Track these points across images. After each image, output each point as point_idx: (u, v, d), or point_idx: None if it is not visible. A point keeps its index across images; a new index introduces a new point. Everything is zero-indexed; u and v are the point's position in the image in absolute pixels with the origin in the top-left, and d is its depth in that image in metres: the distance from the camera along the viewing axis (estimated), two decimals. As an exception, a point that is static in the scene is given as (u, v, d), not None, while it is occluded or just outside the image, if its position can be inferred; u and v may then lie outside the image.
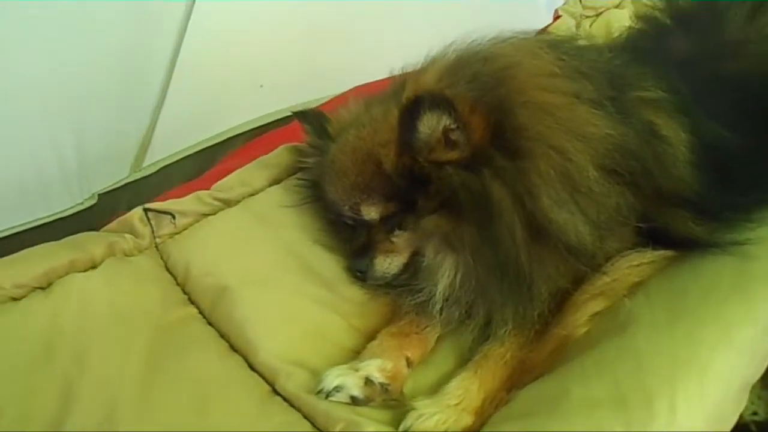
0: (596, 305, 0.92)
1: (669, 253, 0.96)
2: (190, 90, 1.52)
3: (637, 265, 0.94)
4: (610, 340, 0.85)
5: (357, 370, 0.89)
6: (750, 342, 0.82)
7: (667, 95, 1.04)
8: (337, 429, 0.85)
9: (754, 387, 0.85)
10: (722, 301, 0.85)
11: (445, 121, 0.91)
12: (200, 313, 1.04)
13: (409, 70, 1.17)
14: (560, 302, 0.94)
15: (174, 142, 1.65)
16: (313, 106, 1.64)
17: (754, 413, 0.85)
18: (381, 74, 1.45)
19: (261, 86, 1.75)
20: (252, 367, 0.95)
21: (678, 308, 0.86)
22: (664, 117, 1.02)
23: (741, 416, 0.82)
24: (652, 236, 0.96)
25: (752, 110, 1.07)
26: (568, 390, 0.81)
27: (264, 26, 1.62)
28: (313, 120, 1.22)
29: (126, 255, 1.12)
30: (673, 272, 0.93)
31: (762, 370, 0.83)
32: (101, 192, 1.52)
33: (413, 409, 0.86)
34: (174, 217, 1.16)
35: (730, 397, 0.80)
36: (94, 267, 1.07)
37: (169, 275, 1.10)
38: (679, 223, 0.96)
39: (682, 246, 0.95)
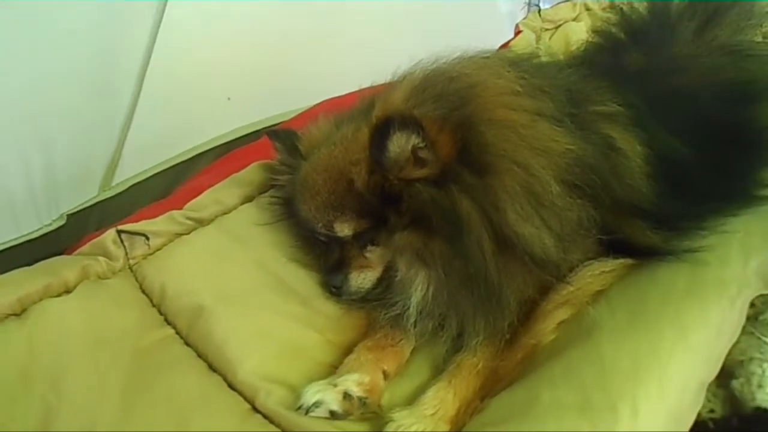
0: (562, 314, 0.96)
1: (628, 261, 1.01)
2: (159, 105, 1.52)
3: (599, 274, 0.99)
4: (575, 346, 0.89)
5: (335, 385, 0.92)
6: (705, 344, 0.87)
7: (622, 109, 1.10)
8: (318, 444, 0.87)
9: (710, 386, 0.90)
10: (679, 305, 0.90)
11: (414, 140, 0.94)
12: (177, 333, 1.05)
13: (377, 86, 1.21)
14: (528, 312, 0.98)
15: (143, 158, 1.64)
16: (283, 119, 1.67)
17: (711, 411, 0.90)
18: (348, 87, 1.49)
19: (228, 99, 1.76)
20: (231, 386, 0.96)
21: (638, 314, 0.90)
22: (621, 131, 1.08)
23: (699, 414, 0.87)
24: (612, 245, 1.01)
25: (703, 122, 1.13)
26: (537, 396, 0.84)
27: (233, 39, 1.63)
28: (284, 138, 1.24)
29: (100, 278, 1.12)
30: (632, 279, 0.98)
31: (717, 370, 0.89)
32: (70, 212, 1.50)
33: (391, 420, 0.89)
34: (148, 238, 1.16)
35: (687, 397, 0.85)
36: (68, 291, 1.07)
37: (144, 297, 1.10)
38: (637, 232, 1.01)
39: (640, 254, 1.00)
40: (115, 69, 1.42)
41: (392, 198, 0.97)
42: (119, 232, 1.16)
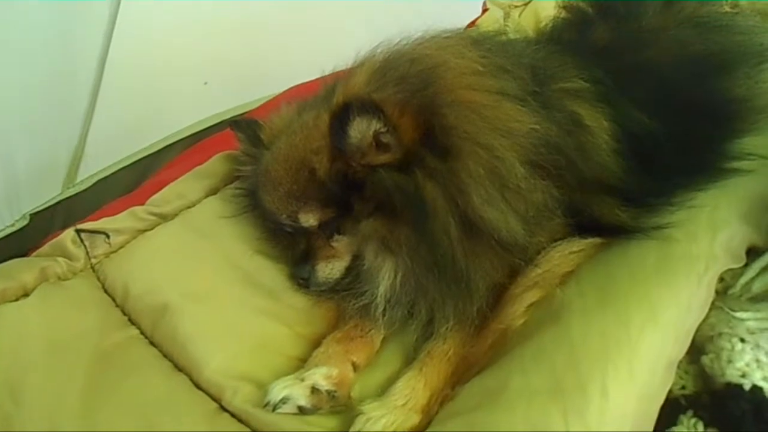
0: (531, 296, 0.95)
1: (597, 240, 0.99)
2: (121, 94, 1.48)
3: (568, 255, 0.98)
4: (545, 329, 0.88)
5: (303, 380, 0.90)
6: (674, 321, 0.87)
7: (589, 85, 1.08)
8: (287, 440, 0.85)
9: (681, 362, 0.89)
10: (647, 283, 0.89)
11: (375, 125, 0.92)
12: (142, 333, 1.02)
13: (340, 71, 1.18)
14: (497, 296, 0.97)
15: (108, 151, 1.60)
16: (254, 106, 1.63)
17: (683, 387, 0.89)
18: (316, 73, 1.45)
19: (205, 83, 1.72)
20: (197, 386, 0.94)
21: (607, 293, 0.89)
22: (587, 107, 1.06)
23: (670, 391, 0.86)
24: (580, 225, 1.00)
25: (671, 96, 1.12)
26: (508, 382, 0.83)
27: (195, 24, 1.59)
28: (246, 128, 1.21)
29: (60, 279, 1.09)
30: (601, 258, 0.96)
31: (686, 347, 0.88)
32: (33, 212, 1.46)
33: (361, 413, 0.87)
34: (108, 236, 1.13)
35: (658, 375, 0.84)
36: (26, 295, 1.04)
37: (107, 297, 1.07)
38: (606, 210, 0.99)
39: (610, 233, 0.99)
40: (72, 57, 1.37)
41: (356, 185, 0.95)
42: (78, 231, 1.12)
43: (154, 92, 1.56)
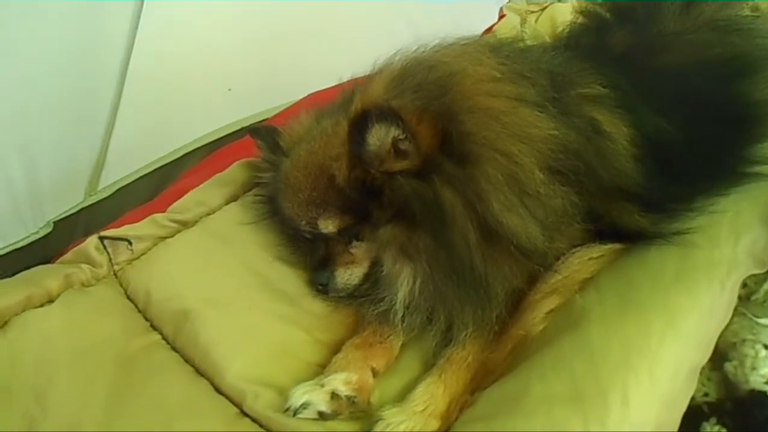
0: (550, 303, 0.94)
1: (617, 246, 0.99)
2: (142, 103, 1.49)
3: (587, 261, 0.97)
4: (565, 336, 0.87)
5: (323, 386, 0.90)
6: (695, 328, 0.86)
7: (607, 91, 1.07)
8: (308, 446, 0.86)
9: (704, 369, 0.88)
10: (668, 290, 0.88)
11: (394, 132, 0.92)
12: (164, 338, 1.03)
13: (358, 78, 1.19)
14: (516, 302, 0.96)
15: (129, 160, 1.62)
16: (273, 114, 1.64)
17: (705, 394, 0.88)
18: (334, 80, 1.46)
19: (229, 90, 1.73)
20: (218, 390, 0.95)
21: (627, 300, 0.89)
22: (605, 113, 1.05)
23: (693, 398, 0.85)
24: (600, 231, 0.99)
25: (690, 101, 1.11)
26: (527, 388, 0.83)
27: (215, 35, 1.61)
28: (265, 135, 1.22)
29: (84, 286, 1.10)
30: (621, 265, 0.96)
31: (708, 354, 0.87)
32: (56, 219, 1.49)
33: (381, 419, 0.88)
34: (131, 243, 1.15)
35: (679, 382, 0.83)
36: (51, 301, 1.05)
37: (129, 303, 1.09)
38: (625, 216, 0.99)
39: (629, 239, 0.98)
40: (94, 68, 1.39)
41: (374, 192, 0.96)
42: (101, 238, 1.14)
43: (175, 100, 1.57)
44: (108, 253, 1.14)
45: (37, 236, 1.45)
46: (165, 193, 1.37)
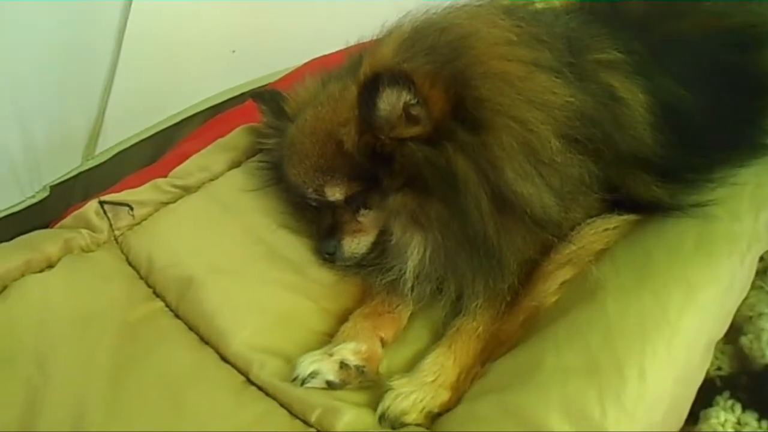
0: (564, 274, 0.93)
1: (633, 217, 0.97)
2: (140, 66, 1.45)
3: (602, 232, 0.95)
4: (580, 307, 0.86)
5: (331, 355, 0.89)
6: (714, 302, 0.84)
7: (624, 56, 1.04)
8: (315, 415, 0.85)
9: (717, 342, 0.87)
10: (686, 262, 0.87)
11: (405, 96, 0.89)
12: (167, 306, 1.02)
13: (365, 42, 1.15)
14: (529, 273, 0.95)
15: (128, 122, 1.58)
16: (270, 81, 1.60)
17: (719, 368, 0.87)
18: (337, 45, 1.41)
19: (233, 52, 1.67)
20: (224, 359, 0.93)
21: (644, 272, 0.87)
22: (622, 79, 1.02)
23: (706, 372, 0.85)
24: (615, 201, 0.97)
25: (708, 68, 1.08)
26: (541, 360, 0.82)
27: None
28: (269, 100, 1.19)
29: (84, 251, 1.08)
30: (637, 236, 0.94)
31: (726, 328, 0.86)
32: (53, 183, 1.45)
33: (390, 389, 0.86)
34: (132, 208, 1.12)
35: (696, 356, 0.82)
36: (50, 266, 1.04)
37: (131, 269, 1.07)
38: (642, 186, 0.97)
39: (645, 210, 0.96)
40: (90, 29, 1.34)
41: (384, 159, 0.93)
42: (102, 203, 1.11)
43: (175, 62, 1.52)
44: (108, 218, 1.12)
45: (34, 200, 1.42)
46: (166, 157, 1.34)
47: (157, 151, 1.58)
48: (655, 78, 1.04)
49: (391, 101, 0.89)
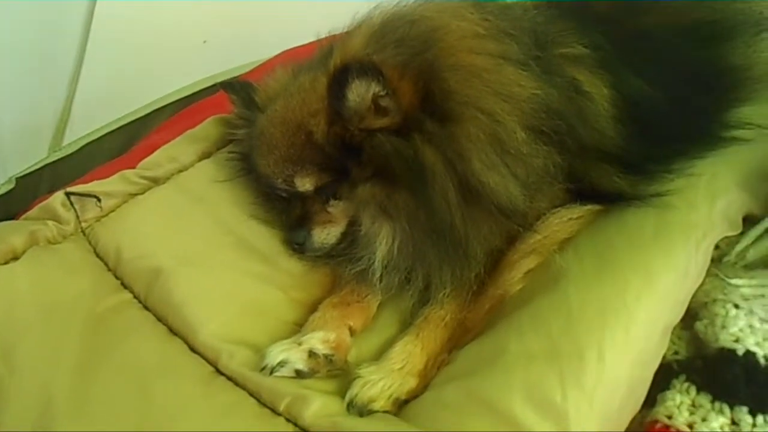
0: (529, 263, 0.95)
1: (596, 207, 0.99)
2: (109, 54, 1.43)
3: (566, 221, 0.98)
4: (543, 295, 0.88)
5: (300, 344, 0.90)
6: (671, 288, 0.87)
7: (588, 51, 1.06)
8: (284, 403, 0.85)
9: (675, 328, 0.90)
10: (645, 250, 0.89)
11: (375, 88, 0.90)
12: (135, 297, 1.00)
13: (336, 34, 1.15)
14: (495, 262, 0.96)
15: (97, 114, 1.56)
16: (247, 70, 1.58)
17: (676, 353, 0.90)
18: (310, 36, 1.41)
19: (204, 42, 1.65)
20: (193, 349, 0.93)
21: (605, 260, 0.89)
22: (587, 73, 1.05)
23: (664, 357, 0.88)
24: (579, 192, 0.99)
25: (669, 63, 1.11)
26: (505, 346, 0.84)
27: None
28: (240, 90, 1.18)
29: (50, 243, 1.07)
30: (600, 226, 0.96)
31: (681, 314, 0.89)
32: (18, 175, 1.43)
33: (358, 376, 0.87)
34: (99, 200, 1.11)
35: (653, 341, 0.85)
36: (15, 258, 1.02)
37: (99, 261, 1.05)
38: (604, 177, 0.99)
39: (608, 200, 0.99)
40: (57, 18, 1.32)
41: (353, 149, 0.94)
42: (68, 194, 1.10)
43: (145, 52, 1.50)
44: (75, 209, 1.10)
45: (-1, 192, 1.40)
46: (134, 148, 1.32)
47: (127, 143, 1.56)
48: (619, 72, 1.06)
49: (360, 92, 0.90)
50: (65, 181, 1.25)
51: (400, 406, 0.87)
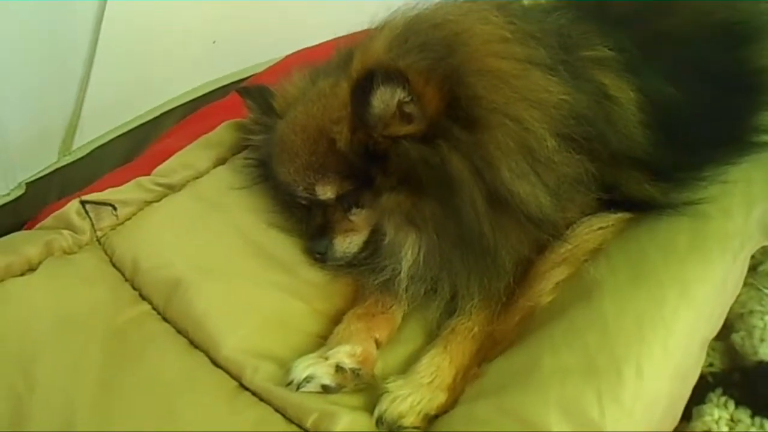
0: (560, 273, 0.93)
1: (626, 216, 0.97)
2: (119, 58, 1.41)
3: (597, 231, 0.95)
4: (576, 307, 0.86)
5: (326, 358, 0.87)
6: (708, 300, 0.85)
7: (614, 54, 1.04)
8: (311, 420, 0.83)
9: (708, 340, 0.88)
10: (681, 261, 0.87)
11: (400, 94, 0.88)
12: (154, 309, 0.98)
13: (354, 34, 1.13)
14: (524, 272, 0.94)
15: (106, 116, 1.53)
16: (253, 72, 1.56)
17: (710, 365, 0.89)
18: (322, 36, 1.38)
19: (214, 42, 1.63)
20: (215, 363, 0.91)
21: (639, 271, 0.87)
22: (612, 77, 1.02)
23: (699, 369, 0.86)
24: (609, 200, 0.97)
25: (695, 66, 1.09)
26: (539, 361, 0.82)
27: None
28: (256, 95, 1.16)
29: (66, 253, 1.04)
30: (631, 236, 0.94)
31: (719, 326, 0.87)
32: (28, 180, 1.41)
33: (387, 391, 0.85)
34: (115, 208, 1.09)
35: (692, 354, 0.83)
36: (32, 269, 1.00)
37: (116, 271, 1.03)
38: (634, 185, 0.97)
39: (639, 208, 0.97)
40: (67, 19, 1.30)
41: (377, 157, 0.92)
42: (83, 202, 1.08)
43: (155, 53, 1.48)
44: (90, 218, 1.08)
45: (9, 198, 1.37)
46: (147, 154, 1.30)
47: (137, 146, 1.55)
48: (644, 76, 1.04)
49: (385, 99, 0.88)
50: (75, 186, 1.23)
51: (430, 422, 0.85)
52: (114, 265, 1.04)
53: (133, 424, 0.83)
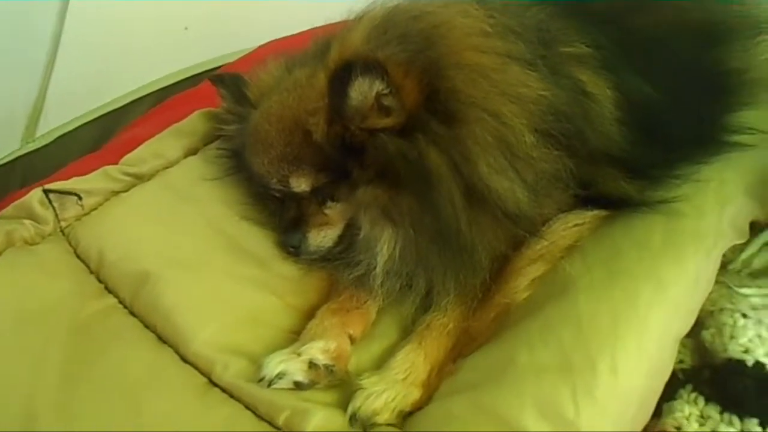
0: (536, 270, 0.92)
1: (601, 212, 0.97)
2: (84, 44, 1.37)
3: (573, 227, 0.95)
4: (551, 304, 0.85)
5: (299, 354, 0.86)
6: (682, 297, 0.86)
7: (591, 50, 1.03)
8: (283, 417, 0.81)
9: (679, 336, 0.89)
10: (655, 258, 0.87)
11: (378, 86, 0.86)
12: (120, 302, 0.95)
13: (331, 24, 1.11)
14: (500, 269, 0.94)
15: (72, 103, 1.49)
16: (232, 59, 1.52)
17: (681, 362, 0.89)
18: (298, 26, 1.36)
19: (186, 29, 1.59)
20: (184, 359, 0.88)
21: (614, 268, 0.87)
22: (590, 74, 1.02)
23: (669, 365, 0.86)
24: (585, 197, 0.97)
25: (669, 64, 1.09)
26: (514, 358, 0.81)
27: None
28: (230, 84, 1.13)
29: (27, 244, 1.01)
30: (607, 233, 0.94)
31: (692, 323, 0.87)
32: (-11, 168, 1.36)
33: (361, 388, 0.84)
34: (80, 198, 1.05)
35: (665, 351, 0.83)
36: (-9, 260, 0.96)
37: (80, 263, 1.00)
38: (610, 182, 0.97)
39: (614, 205, 0.97)
40: (32, 2, 1.25)
41: (354, 150, 0.90)
42: (46, 191, 1.04)
43: (123, 39, 1.44)
44: (54, 207, 1.04)
45: (-31, 186, 1.32)
46: (114, 142, 1.26)
47: (103, 134, 1.50)
48: (621, 73, 1.04)
49: (363, 90, 0.86)
50: (38, 174, 1.19)
51: (404, 418, 0.84)
52: (78, 257, 1.01)
53: (97, 422, 0.80)
